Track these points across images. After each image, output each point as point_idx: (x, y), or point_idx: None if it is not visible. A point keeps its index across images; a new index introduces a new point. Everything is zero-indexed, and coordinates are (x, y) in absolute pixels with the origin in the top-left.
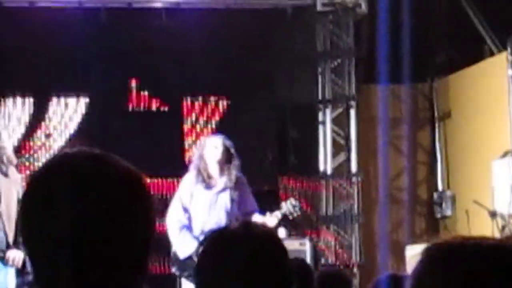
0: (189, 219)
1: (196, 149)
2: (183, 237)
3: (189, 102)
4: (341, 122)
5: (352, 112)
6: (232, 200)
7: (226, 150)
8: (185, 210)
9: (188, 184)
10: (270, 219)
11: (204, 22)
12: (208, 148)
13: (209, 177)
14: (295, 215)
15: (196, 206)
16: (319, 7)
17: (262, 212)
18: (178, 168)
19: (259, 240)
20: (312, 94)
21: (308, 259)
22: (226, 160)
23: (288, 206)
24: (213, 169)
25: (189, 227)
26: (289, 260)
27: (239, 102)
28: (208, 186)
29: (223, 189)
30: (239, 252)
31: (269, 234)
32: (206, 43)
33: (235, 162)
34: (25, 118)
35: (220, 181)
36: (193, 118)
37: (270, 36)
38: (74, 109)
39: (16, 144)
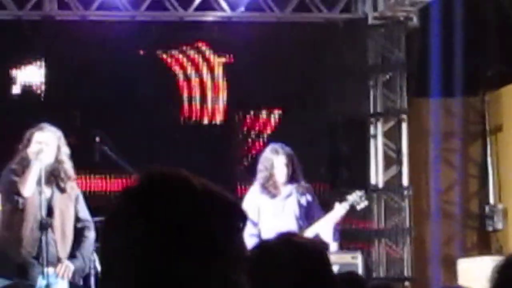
0: (260, 231)
1: (262, 165)
2: None
3: (240, 115)
4: (392, 135)
5: (404, 126)
6: (300, 206)
7: (293, 163)
8: (254, 224)
9: (253, 197)
10: (339, 210)
11: (255, 36)
12: (278, 166)
13: (275, 188)
14: (362, 205)
15: (265, 216)
16: (370, 21)
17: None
18: (229, 180)
19: (304, 253)
20: (363, 108)
21: (360, 273)
22: (292, 170)
23: (354, 197)
24: (281, 181)
25: (258, 238)
26: (332, 271)
27: (291, 115)
28: (274, 195)
29: (288, 195)
30: (284, 267)
31: (314, 246)
32: (257, 56)
33: (300, 169)
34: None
35: (285, 188)
36: (245, 131)
37: (321, 49)
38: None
39: None
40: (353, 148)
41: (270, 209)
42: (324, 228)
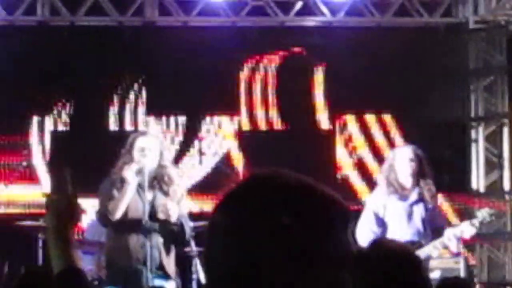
0: (383, 231)
1: (387, 160)
2: None
3: (341, 120)
4: (494, 140)
5: (505, 130)
6: (427, 212)
7: (420, 161)
8: (378, 221)
9: (379, 196)
10: (468, 228)
11: (356, 40)
12: (400, 160)
13: (402, 188)
14: (491, 223)
15: (391, 218)
16: (471, 25)
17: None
18: (332, 183)
19: (392, 257)
20: (464, 112)
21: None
22: (420, 172)
23: (483, 213)
24: (406, 180)
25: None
26: (425, 276)
27: (391, 120)
28: (402, 198)
29: (418, 201)
30: (372, 270)
31: (402, 250)
32: (357, 61)
33: (430, 172)
34: (179, 137)
35: (414, 192)
36: (346, 136)
37: (422, 54)
38: (227, 128)
39: None
40: (454, 152)
41: (398, 212)
42: (452, 241)
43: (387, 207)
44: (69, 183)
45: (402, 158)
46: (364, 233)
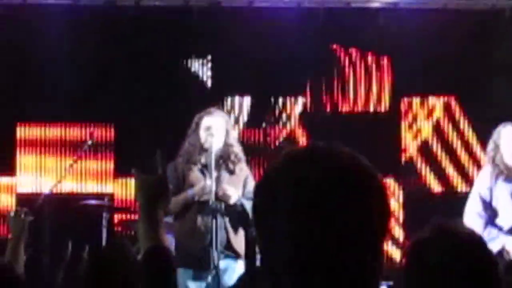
0: (491, 215)
1: (492, 140)
2: (488, 232)
3: (406, 102)
4: None
5: None
6: None
7: None
8: (485, 204)
9: (485, 178)
10: None
11: (421, 22)
12: (505, 139)
13: (508, 169)
14: None
15: (498, 201)
16: None
17: None
18: (395, 170)
19: (463, 249)
20: None
21: None
22: None
23: None
24: (509, 156)
25: (491, 222)
26: (496, 266)
27: (454, 104)
28: (508, 179)
29: None
30: (438, 265)
31: (474, 240)
32: (422, 43)
33: None
34: (243, 118)
35: None
36: (410, 119)
37: (488, 36)
38: (291, 109)
39: None
40: None
41: (504, 195)
42: None
43: (494, 190)
44: (160, 164)
45: (507, 137)
46: (472, 218)
